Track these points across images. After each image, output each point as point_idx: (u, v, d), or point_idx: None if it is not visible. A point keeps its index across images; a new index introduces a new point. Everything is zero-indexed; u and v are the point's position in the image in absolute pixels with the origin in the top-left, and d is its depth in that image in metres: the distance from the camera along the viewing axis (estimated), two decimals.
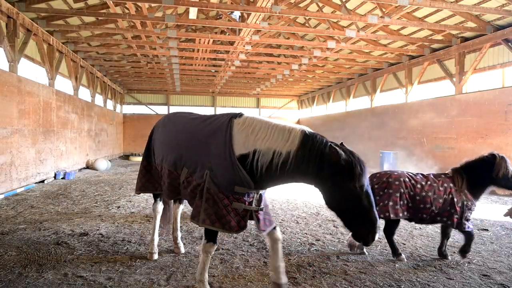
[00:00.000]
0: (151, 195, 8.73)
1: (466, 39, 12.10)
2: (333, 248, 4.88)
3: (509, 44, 10.48)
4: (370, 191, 2.92)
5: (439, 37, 12.71)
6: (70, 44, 13.82)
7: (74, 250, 4.56)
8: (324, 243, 5.09)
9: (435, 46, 13.46)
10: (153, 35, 12.31)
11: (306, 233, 5.57)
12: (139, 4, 10.11)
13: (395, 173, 4.38)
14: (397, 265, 4.26)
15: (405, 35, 13.06)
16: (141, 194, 8.85)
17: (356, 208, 2.88)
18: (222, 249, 4.72)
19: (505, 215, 4.34)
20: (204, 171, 3.16)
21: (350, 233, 3.56)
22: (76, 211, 6.98)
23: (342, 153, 2.89)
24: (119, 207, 7.37)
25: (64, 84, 14.61)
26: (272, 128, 3.10)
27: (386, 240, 4.61)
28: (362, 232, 2.93)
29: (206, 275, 3.34)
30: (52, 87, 12.00)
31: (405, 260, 4.42)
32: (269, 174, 3.03)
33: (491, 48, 11.43)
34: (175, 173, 3.51)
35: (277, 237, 3.32)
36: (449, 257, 4.52)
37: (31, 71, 11.86)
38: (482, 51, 11.37)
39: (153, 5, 9.80)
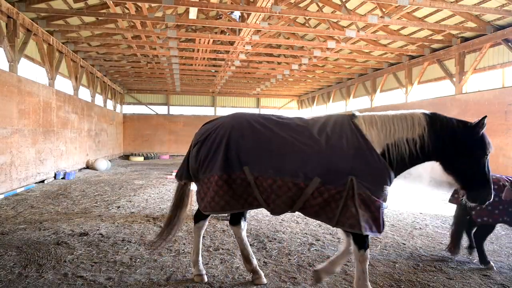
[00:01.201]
0: (151, 195, 8.80)
1: (466, 39, 12.10)
2: (333, 248, 4.88)
3: (509, 44, 10.48)
4: None
5: (439, 37, 12.71)
6: (70, 44, 13.82)
7: (74, 250, 4.56)
8: (324, 243, 5.09)
9: (435, 46, 13.46)
10: (153, 35, 12.31)
11: (306, 233, 5.57)
12: (139, 4, 10.11)
13: (494, 177, 4.15)
14: (397, 265, 4.26)
15: (405, 35, 13.06)
16: (141, 194, 8.87)
17: (482, 173, 3.21)
18: (222, 249, 4.71)
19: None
20: (346, 178, 3.02)
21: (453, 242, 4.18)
22: (76, 211, 6.98)
23: (472, 124, 3.19)
24: (119, 207, 7.37)
25: (64, 84, 14.62)
26: (391, 120, 3.24)
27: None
28: (482, 194, 3.22)
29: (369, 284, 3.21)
30: (52, 87, 12.00)
31: (494, 268, 4.20)
32: (407, 164, 3.22)
33: (491, 48, 11.43)
34: (302, 184, 3.11)
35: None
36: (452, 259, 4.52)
37: (31, 71, 11.86)
38: (482, 51, 11.37)
39: (153, 5, 9.80)
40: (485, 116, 3.21)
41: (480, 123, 3.14)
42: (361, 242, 3.11)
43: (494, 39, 10.86)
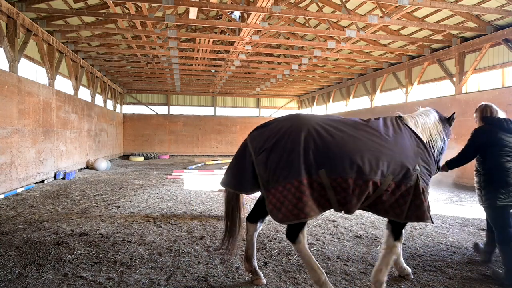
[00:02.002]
0: (151, 195, 8.80)
1: (466, 39, 12.10)
2: (333, 248, 4.88)
3: (509, 44, 10.48)
4: None
5: (439, 37, 12.71)
6: (70, 44, 13.83)
7: (74, 250, 4.56)
8: (324, 243, 5.09)
9: (435, 46, 13.47)
10: (153, 35, 12.31)
11: (306, 233, 5.56)
12: (139, 4, 10.12)
13: None
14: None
15: (405, 35, 13.06)
16: (141, 194, 8.87)
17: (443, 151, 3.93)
18: (222, 249, 4.71)
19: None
20: (413, 174, 3.28)
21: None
22: (76, 211, 6.98)
23: (449, 117, 4.01)
24: (119, 207, 7.37)
25: (64, 84, 14.62)
26: (425, 119, 3.75)
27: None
28: (437, 166, 3.74)
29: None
30: (52, 87, 12.00)
31: None
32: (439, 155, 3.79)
33: (491, 48, 11.43)
34: (379, 183, 3.21)
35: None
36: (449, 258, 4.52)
37: (31, 71, 11.87)
38: (482, 51, 11.37)
39: (153, 5, 9.80)
40: (454, 112, 4.07)
41: (453, 118, 3.99)
42: (399, 234, 3.39)
43: (494, 39, 10.86)
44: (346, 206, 3.22)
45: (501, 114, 4.24)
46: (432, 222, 3.32)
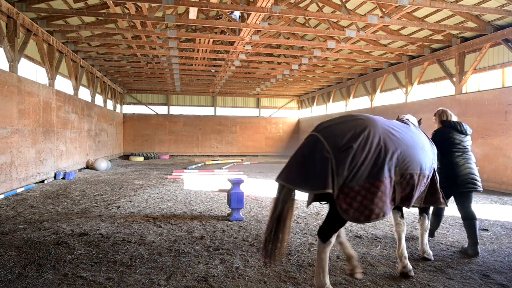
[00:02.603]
0: (151, 195, 8.80)
1: (466, 39, 12.10)
2: (333, 248, 4.87)
3: (509, 44, 10.48)
4: None
5: (439, 37, 12.71)
6: (70, 44, 13.83)
7: (74, 250, 4.56)
8: None
9: (435, 46, 13.47)
10: (153, 35, 12.32)
11: (306, 233, 5.57)
12: (139, 4, 10.12)
13: None
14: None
15: (405, 35, 13.06)
16: (141, 194, 8.87)
17: None
18: (222, 249, 4.71)
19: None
20: (432, 167, 3.84)
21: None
22: (76, 211, 6.98)
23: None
24: (119, 207, 7.37)
25: (64, 84, 14.62)
26: (415, 122, 4.47)
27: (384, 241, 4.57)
28: None
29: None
30: (52, 87, 12.00)
31: None
32: None
33: (491, 48, 11.43)
34: (421, 176, 3.61)
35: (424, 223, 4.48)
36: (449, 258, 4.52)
37: (31, 71, 11.86)
38: (482, 51, 11.37)
39: (153, 5, 9.80)
40: (421, 118, 4.79)
41: (420, 122, 4.64)
42: (426, 212, 4.40)
43: (494, 39, 10.86)
44: (408, 201, 3.53)
45: (454, 118, 4.97)
46: (447, 205, 4.16)
